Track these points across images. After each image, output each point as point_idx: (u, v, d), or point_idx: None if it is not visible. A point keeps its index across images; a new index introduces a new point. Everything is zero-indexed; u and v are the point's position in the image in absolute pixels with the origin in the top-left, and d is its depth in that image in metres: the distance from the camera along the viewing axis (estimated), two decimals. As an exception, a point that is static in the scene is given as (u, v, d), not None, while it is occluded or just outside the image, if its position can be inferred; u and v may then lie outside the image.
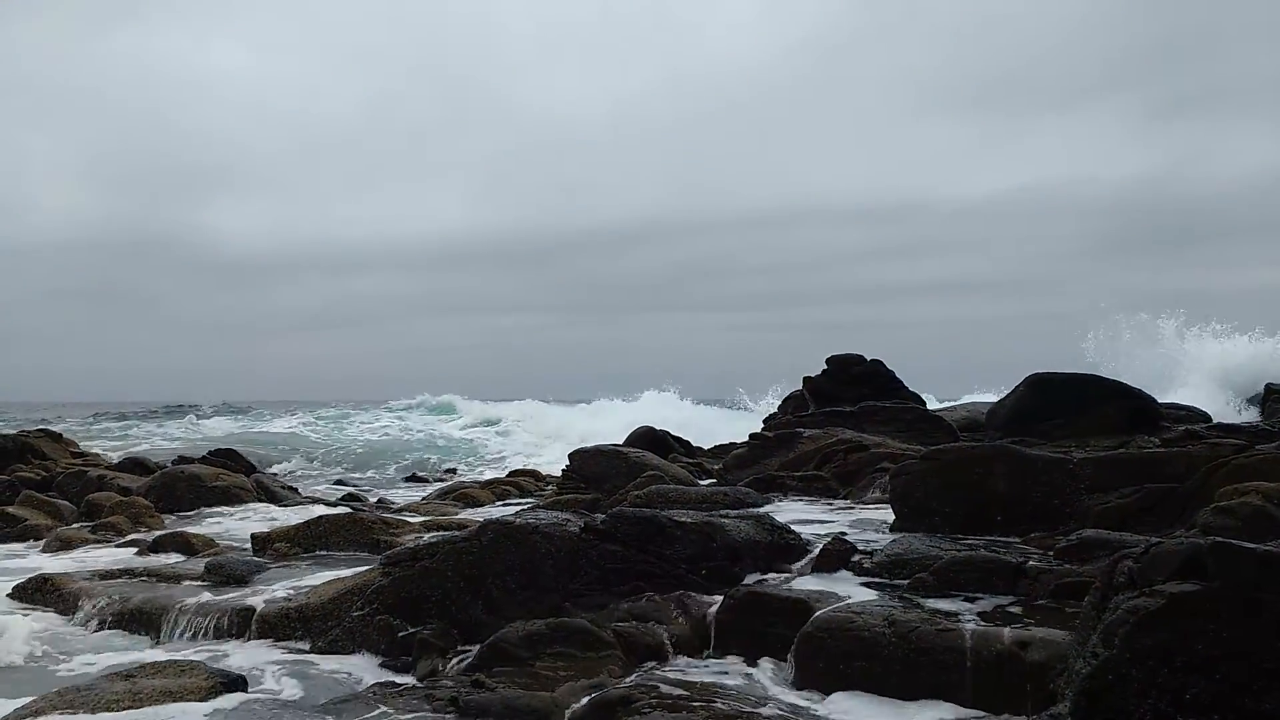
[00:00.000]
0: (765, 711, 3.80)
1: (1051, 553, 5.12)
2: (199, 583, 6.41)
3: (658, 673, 4.50)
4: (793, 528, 6.15)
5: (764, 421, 18.09)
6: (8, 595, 6.53)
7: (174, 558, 7.75)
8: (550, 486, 12.98)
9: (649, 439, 15.45)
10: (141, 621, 5.81)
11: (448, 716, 3.97)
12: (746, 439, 12.82)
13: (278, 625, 5.54)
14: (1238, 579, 2.57)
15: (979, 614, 4.42)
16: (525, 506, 10.10)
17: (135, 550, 8.21)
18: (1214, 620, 2.54)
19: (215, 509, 11.24)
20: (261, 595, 5.94)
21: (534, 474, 15.30)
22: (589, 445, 12.26)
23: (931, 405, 15.76)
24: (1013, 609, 4.53)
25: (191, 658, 5.01)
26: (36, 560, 8.26)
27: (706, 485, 9.50)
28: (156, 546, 8.11)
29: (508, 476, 15.23)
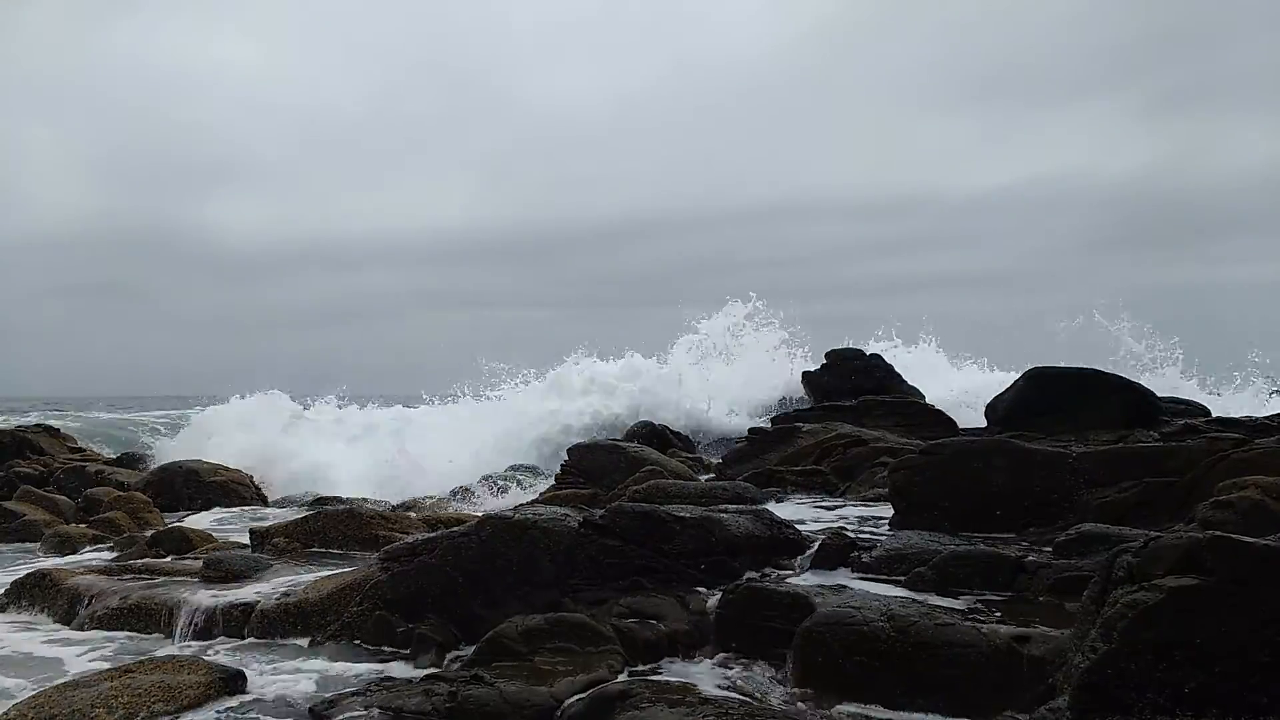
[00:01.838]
0: (764, 707, 3.79)
1: (1050, 547, 5.12)
2: (198, 579, 6.40)
3: (656, 667, 4.50)
4: (792, 523, 6.15)
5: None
6: (5, 591, 6.53)
7: (173, 554, 7.74)
8: (549, 482, 12.96)
9: (648, 433, 15.45)
10: (140, 617, 5.80)
11: (447, 711, 3.97)
12: (747, 433, 12.82)
13: (277, 621, 5.54)
14: (1236, 573, 2.57)
15: (978, 609, 4.42)
16: (524, 502, 10.10)
17: (134, 546, 8.20)
18: (1213, 614, 2.53)
19: (213, 505, 11.24)
20: (260, 591, 5.93)
21: (532, 469, 15.27)
22: (586, 440, 12.26)
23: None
24: (1012, 604, 4.53)
25: (190, 653, 5.01)
26: (36, 558, 8.26)
27: (706, 480, 9.49)
28: (155, 542, 8.10)
29: (505, 471, 15.20)
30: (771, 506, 6.95)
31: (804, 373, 18.05)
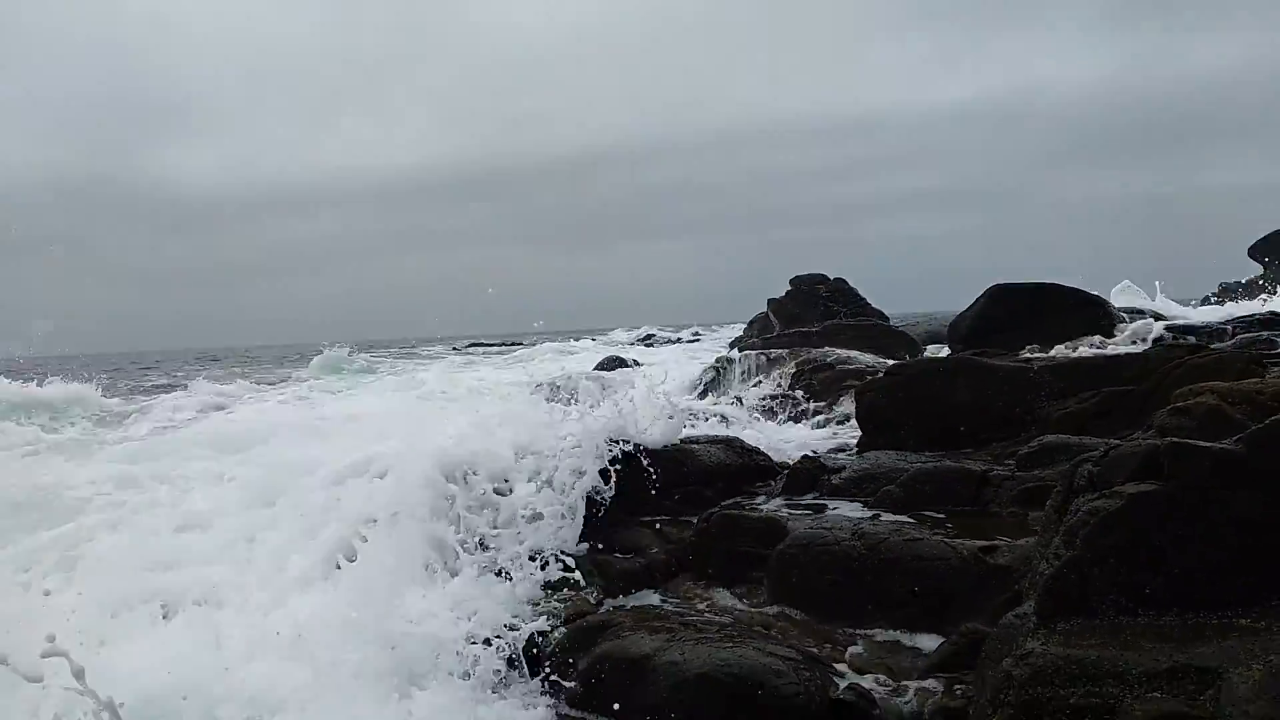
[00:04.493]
0: (741, 627, 3.89)
1: (1014, 460, 5.23)
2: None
3: (635, 597, 4.58)
4: (762, 449, 6.23)
5: (730, 345, 18.19)
6: None
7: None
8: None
9: (615, 366, 15.50)
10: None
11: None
12: (713, 362, 12.90)
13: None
14: (1194, 478, 2.64)
15: (946, 523, 4.53)
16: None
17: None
18: (1171, 518, 2.61)
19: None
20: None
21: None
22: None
23: (899, 320, 15.89)
24: (978, 516, 4.65)
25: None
26: None
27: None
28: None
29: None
30: (741, 433, 7.03)
31: (769, 300, 18.12)
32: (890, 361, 9.70)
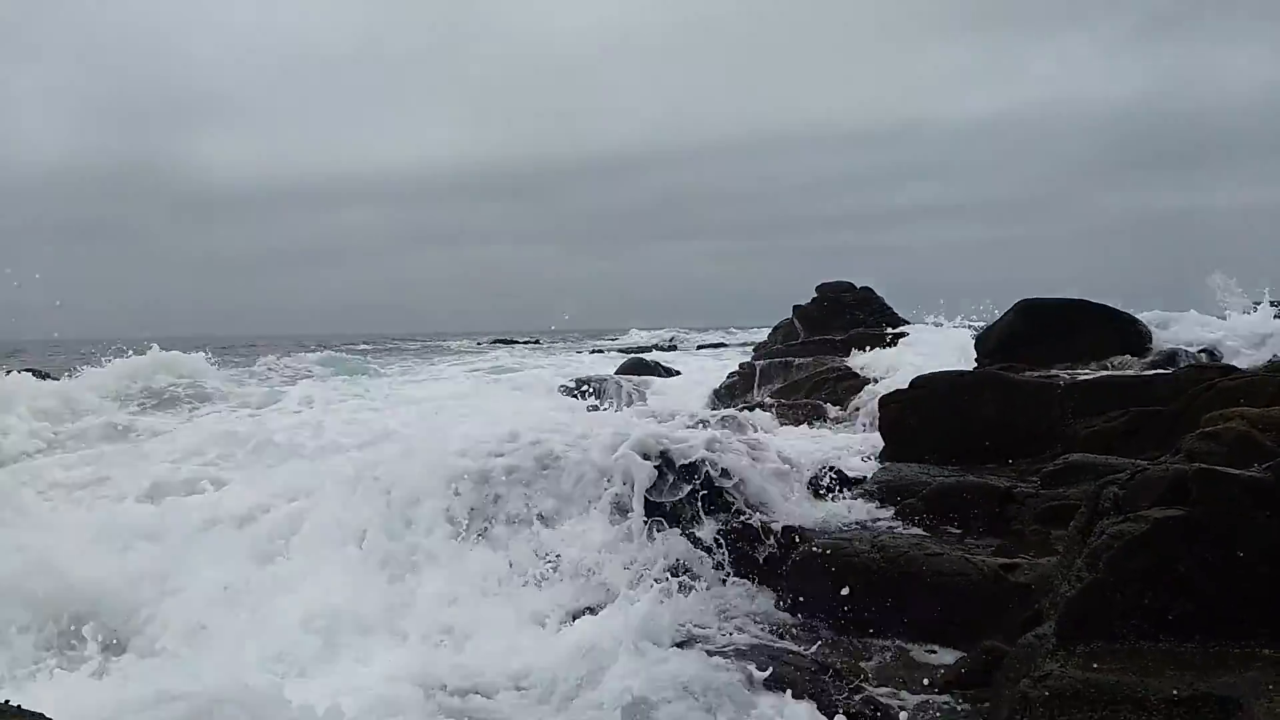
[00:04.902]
0: (757, 635, 3.89)
1: (1038, 477, 5.20)
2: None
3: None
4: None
5: (754, 349, 18.17)
6: None
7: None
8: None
9: (639, 369, 15.54)
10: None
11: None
12: (737, 368, 12.89)
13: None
14: (1221, 504, 2.62)
15: (967, 538, 4.52)
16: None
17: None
18: (1197, 545, 2.59)
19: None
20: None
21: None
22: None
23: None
24: (1000, 533, 4.62)
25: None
26: None
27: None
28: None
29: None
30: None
31: (795, 306, 18.04)
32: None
